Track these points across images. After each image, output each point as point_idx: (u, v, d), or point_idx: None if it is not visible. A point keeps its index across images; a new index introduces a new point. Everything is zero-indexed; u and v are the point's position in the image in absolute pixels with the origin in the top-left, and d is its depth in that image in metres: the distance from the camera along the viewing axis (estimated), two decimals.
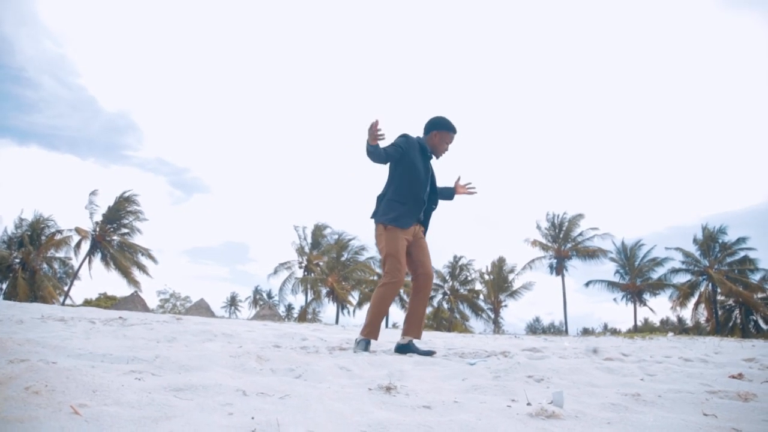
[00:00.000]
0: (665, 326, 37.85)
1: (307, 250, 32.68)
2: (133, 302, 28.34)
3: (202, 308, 31.03)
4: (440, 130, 3.44)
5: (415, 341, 3.48)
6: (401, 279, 3.19)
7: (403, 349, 3.25)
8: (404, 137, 3.38)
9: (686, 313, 31.59)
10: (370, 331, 3.25)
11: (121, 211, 28.42)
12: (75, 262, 28.24)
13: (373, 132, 3.01)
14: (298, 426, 1.12)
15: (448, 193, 3.73)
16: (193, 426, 1.06)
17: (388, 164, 3.41)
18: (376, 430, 1.13)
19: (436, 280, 33.55)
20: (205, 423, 1.09)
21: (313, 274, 31.59)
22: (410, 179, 3.31)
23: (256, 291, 53.24)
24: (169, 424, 1.07)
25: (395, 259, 3.19)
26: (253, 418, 1.16)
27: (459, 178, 3.75)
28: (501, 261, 34.11)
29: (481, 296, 34.08)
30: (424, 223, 3.53)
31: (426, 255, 3.42)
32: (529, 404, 1.47)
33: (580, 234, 31.42)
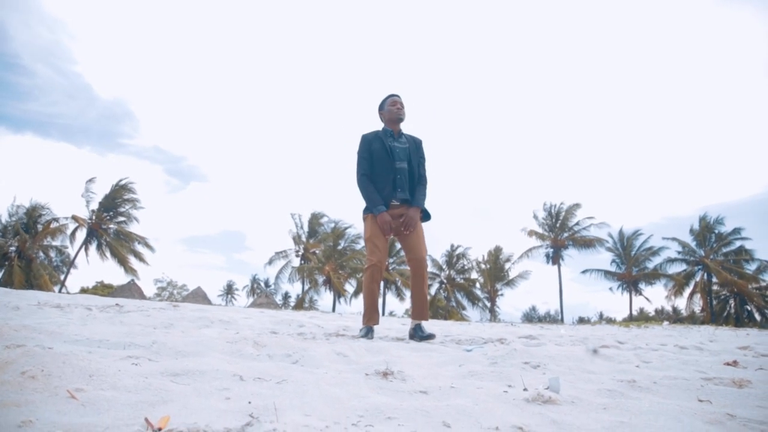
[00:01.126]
0: (660, 315, 38.11)
1: (303, 238, 32.68)
2: (130, 290, 28.34)
3: (199, 296, 31.09)
4: (380, 109, 3.69)
5: (424, 324, 3.60)
6: (376, 261, 3.35)
7: (413, 333, 3.40)
8: (360, 141, 3.60)
9: (681, 303, 31.83)
10: (368, 318, 3.41)
11: (117, 200, 28.26)
12: (71, 251, 28.18)
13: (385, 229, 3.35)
14: (295, 410, 1.12)
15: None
16: (190, 410, 1.06)
17: None
18: (373, 415, 1.14)
19: (432, 269, 33.62)
20: (202, 407, 1.09)
21: (311, 263, 31.60)
22: (375, 165, 3.50)
23: (254, 280, 53.29)
24: (166, 408, 1.07)
25: (369, 243, 3.42)
26: (250, 402, 1.16)
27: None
28: (497, 250, 34.18)
29: (478, 285, 34.20)
30: (414, 202, 3.47)
31: (416, 239, 3.44)
32: (525, 390, 1.47)
33: (577, 223, 31.47)
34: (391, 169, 3.45)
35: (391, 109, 3.58)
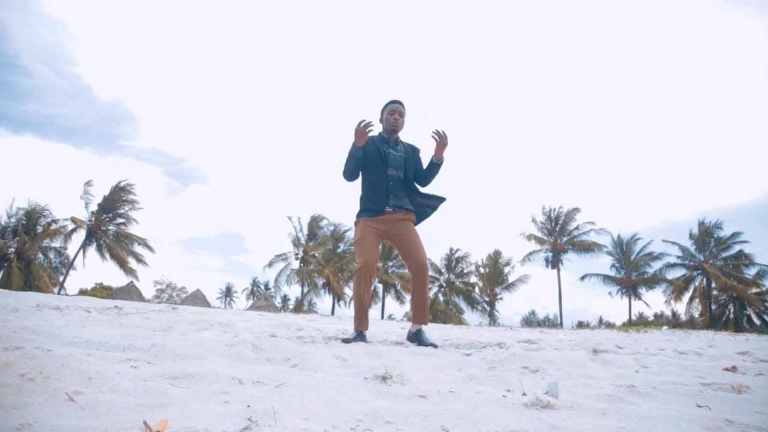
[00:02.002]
0: (659, 320, 38.08)
1: (303, 241, 32.65)
2: (129, 292, 28.24)
3: (198, 299, 30.97)
4: (381, 114, 3.60)
5: (425, 329, 3.62)
6: (364, 263, 3.31)
7: (412, 337, 3.39)
8: None
9: (680, 308, 31.81)
10: (358, 323, 3.39)
11: (116, 201, 28.28)
12: (70, 252, 28.16)
13: (362, 132, 3.19)
14: (293, 414, 1.12)
15: (431, 166, 3.59)
16: (189, 413, 1.06)
17: None
18: (371, 419, 1.14)
19: (431, 272, 33.60)
20: (201, 411, 1.09)
21: (311, 266, 31.57)
22: (367, 170, 3.46)
23: (254, 283, 53.21)
24: (164, 411, 1.07)
25: (358, 246, 3.39)
26: (248, 406, 1.16)
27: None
28: (497, 254, 34.21)
29: (477, 289, 34.19)
30: (419, 213, 3.54)
31: (413, 245, 3.43)
32: (524, 394, 1.47)
33: (576, 228, 31.51)
34: (384, 175, 3.42)
35: (389, 118, 3.52)
